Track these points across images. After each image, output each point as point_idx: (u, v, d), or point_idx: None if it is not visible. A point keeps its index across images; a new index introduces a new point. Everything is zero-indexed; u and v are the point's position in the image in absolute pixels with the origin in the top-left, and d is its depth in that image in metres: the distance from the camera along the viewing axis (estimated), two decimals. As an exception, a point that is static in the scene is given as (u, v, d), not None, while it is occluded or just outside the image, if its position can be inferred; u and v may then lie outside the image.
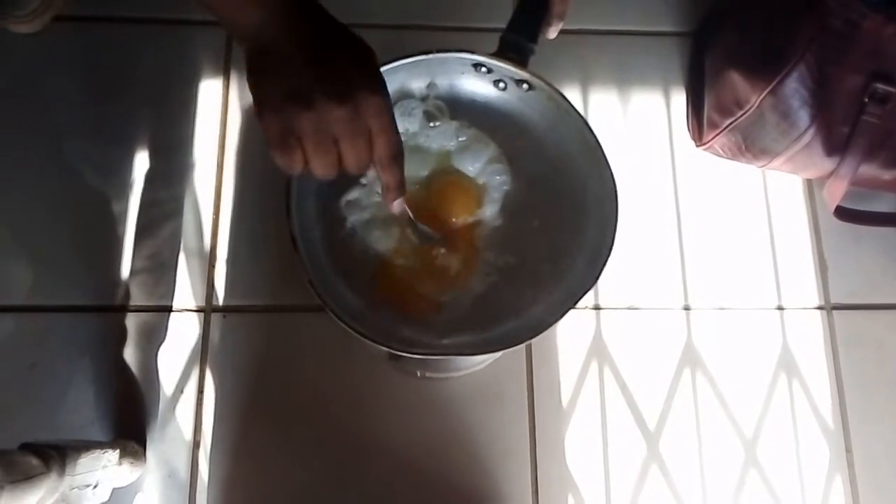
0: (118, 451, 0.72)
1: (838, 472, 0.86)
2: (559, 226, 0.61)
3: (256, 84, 0.44)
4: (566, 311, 0.54)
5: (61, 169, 0.90)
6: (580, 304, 0.55)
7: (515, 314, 0.59)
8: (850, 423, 0.87)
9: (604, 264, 0.56)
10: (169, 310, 0.86)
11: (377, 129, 0.45)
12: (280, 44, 0.44)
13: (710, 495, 0.83)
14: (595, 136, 0.59)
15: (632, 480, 0.83)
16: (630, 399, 0.86)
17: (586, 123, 0.59)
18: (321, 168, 0.46)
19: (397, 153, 0.48)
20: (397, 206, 0.52)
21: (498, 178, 0.62)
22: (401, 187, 0.50)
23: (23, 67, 0.94)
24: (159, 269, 0.87)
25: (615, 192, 0.58)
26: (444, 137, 0.63)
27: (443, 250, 0.60)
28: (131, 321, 0.85)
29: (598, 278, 0.56)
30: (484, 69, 0.62)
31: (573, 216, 0.61)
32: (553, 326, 0.56)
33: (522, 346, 0.75)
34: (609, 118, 0.97)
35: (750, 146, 0.89)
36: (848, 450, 0.86)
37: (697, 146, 0.96)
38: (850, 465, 0.86)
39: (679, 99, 0.99)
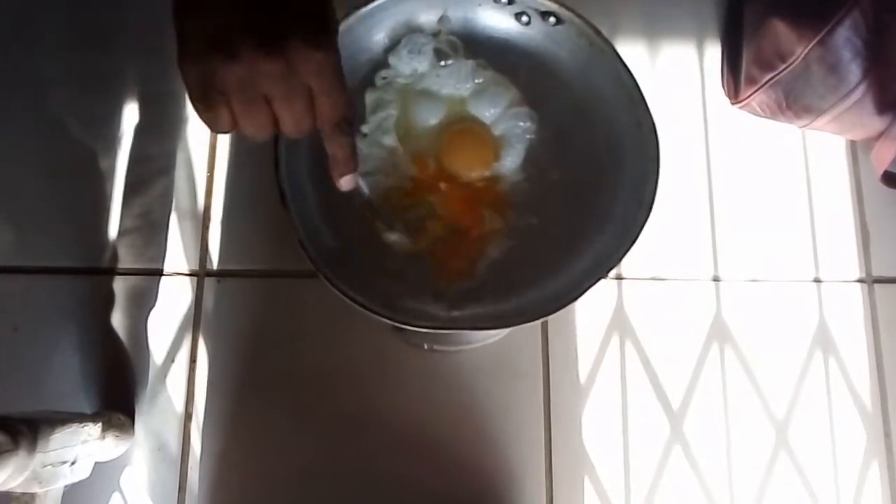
0: (100, 424, 0.67)
1: (875, 457, 0.80)
2: (589, 183, 0.54)
3: (179, 22, 0.37)
4: (594, 283, 0.48)
5: (45, 121, 0.84)
6: (601, 272, 0.49)
7: (536, 284, 0.51)
8: (889, 406, 0.81)
9: (640, 230, 0.49)
10: (160, 273, 0.80)
11: (318, 90, 0.39)
12: None
13: (737, 480, 0.78)
14: (634, 80, 0.52)
15: (653, 463, 0.78)
16: (653, 376, 0.80)
17: (624, 64, 0.52)
18: (251, 129, 0.39)
19: (342, 118, 0.41)
20: (346, 183, 0.45)
21: (520, 125, 0.55)
22: (350, 161, 0.43)
23: (5, 11, 0.87)
24: (149, 229, 0.81)
25: (657, 146, 0.50)
26: (457, 79, 0.55)
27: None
28: (119, 285, 0.80)
29: (632, 245, 0.49)
30: None
31: (605, 172, 0.53)
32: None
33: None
34: (637, 72, 0.89)
35: (792, 104, 0.81)
36: (887, 434, 0.80)
37: (733, 104, 0.88)
38: (889, 450, 0.80)
39: (713, 52, 0.91)
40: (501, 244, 0.53)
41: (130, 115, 0.85)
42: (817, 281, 0.84)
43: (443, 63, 0.56)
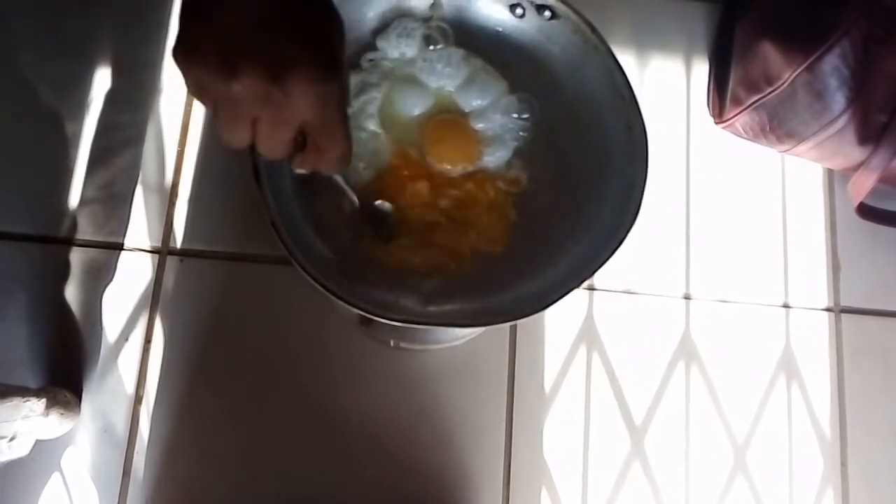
0: (45, 400, 0.64)
1: (831, 485, 0.80)
2: (575, 184, 0.52)
3: (186, 21, 0.36)
4: (577, 286, 0.46)
5: (13, 81, 0.80)
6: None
7: (515, 284, 0.50)
8: (848, 436, 0.81)
9: (625, 235, 0.48)
10: (120, 248, 0.77)
11: (316, 123, 0.38)
12: None
13: (694, 499, 0.77)
14: (627, 80, 0.50)
15: (611, 477, 0.77)
16: (618, 389, 0.79)
17: (618, 64, 0.51)
18: (228, 139, 0.38)
19: (343, 154, 0.41)
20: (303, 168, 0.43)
21: (510, 118, 0.53)
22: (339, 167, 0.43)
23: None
24: (112, 201, 0.78)
25: (646, 148, 0.49)
26: (445, 63, 0.53)
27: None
28: (76, 256, 0.76)
29: (616, 250, 0.48)
30: None
31: (593, 174, 0.52)
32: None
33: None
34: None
35: (775, 127, 0.81)
36: (843, 463, 0.81)
37: (716, 123, 0.88)
38: (845, 478, 0.80)
39: (701, 70, 0.91)
40: (482, 241, 0.51)
41: (102, 81, 0.82)
42: (786, 307, 0.85)
43: (431, 47, 0.54)
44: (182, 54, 0.35)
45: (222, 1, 0.35)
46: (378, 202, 0.51)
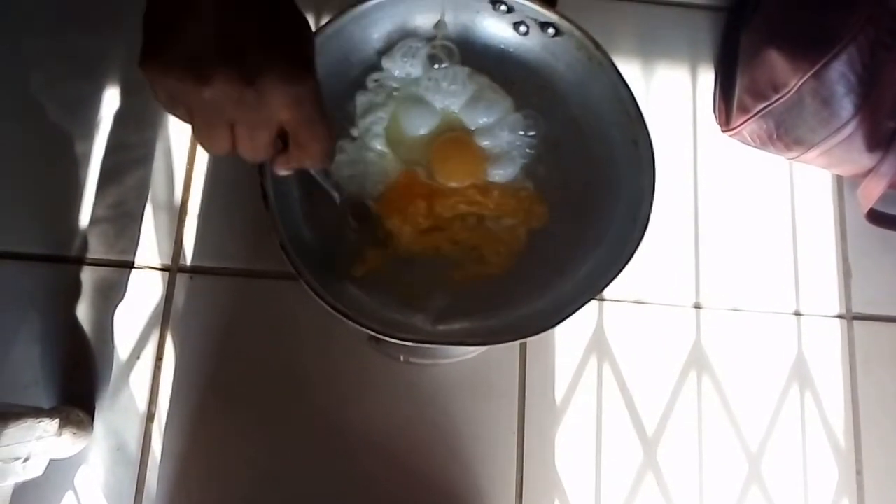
0: (58, 419, 0.64)
1: (846, 495, 0.79)
2: (583, 200, 0.52)
3: (150, 30, 0.35)
4: (587, 301, 0.46)
5: (23, 101, 0.81)
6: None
7: (525, 300, 0.50)
8: (862, 444, 0.81)
9: (634, 249, 0.48)
10: (130, 266, 0.77)
11: (296, 122, 0.37)
12: None
13: (708, 510, 0.77)
14: (633, 96, 0.51)
15: (624, 489, 0.77)
16: (629, 400, 0.79)
17: (623, 79, 0.51)
18: (208, 147, 0.38)
19: (326, 150, 0.41)
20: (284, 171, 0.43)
21: (516, 135, 0.53)
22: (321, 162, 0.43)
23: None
24: (122, 219, 0.78)
25: (653, 164, 0.49)
26: (450, 81, 0.54)
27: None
28: (87, 276, 0.77)
29: (626, 264, 0.48)
30: (503, 7, 0.53)
31: (600, 189, 0.52)
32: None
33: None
34: (630, 93, 0.89)
35: (783, 135, 0.81)
36: (859, 472, 0.80)
37: (723, 131, 0.88)
38: (860, 486, 0.80)
39: (707, 78, 0.91)
40: (491, 258, 0.51)
41: (111, 100, 0.82)
42: (797, 314, 0.84)
43: (436, 66, 0.54)
44: (150, 64, 0.35)
45: (187, 10, 0.34)
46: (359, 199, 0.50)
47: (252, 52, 0.34)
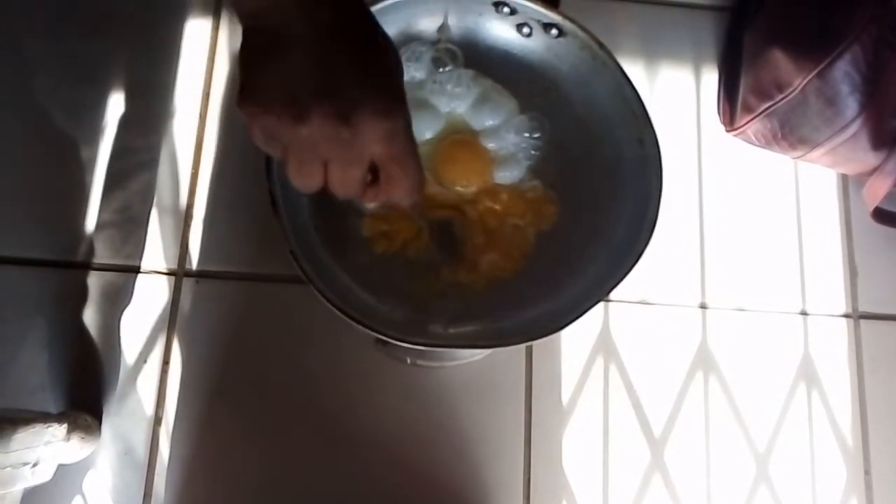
0: (66, 424, 0.64)
1: (854, 494, 0.79)
2: (590, 200, 0.52)
3: (247, 68, 0.36)
4: (596, 303, 0.46)
5: (27, 106, 0.81)
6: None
7: (534, 302, 0.50)
8: (870, 443, 0.80)
9: (643, 249, 0.48)
10: (136, 270, 0.78)
11: (387, 157, 0.37)
12: (286, 32, 0.35)
13: (716, 511, 0.77)
14: (637, 95, 0.50)
15: (632, 490, 0.77)
16: (636, 401, 0.79)
17: (627, 79, 0.51)
18: (300, 184, 0.38)
19: (416, 185, 0.40)
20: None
21: (522, 136, 0.53)
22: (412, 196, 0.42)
23: (-8, -8, 0.85)
24: (128, 224, 0.79)
25: (659, 163, 0.49)
26: (455, 83, 0.53)
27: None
28: (94, 280, 0.77)
29: (635, 264, 0.48)
30: (506, 9, 0.53)
31: (606, 189, 0.52)
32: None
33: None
34: (633, 94, 0.89)
35: (787, 134, 0.81)
36: (867, 471, 0.80)
37: (728, 131, 0.88)
38: (868, 486, 0.79)
39: (711, 78, 0.91)
40: (501, 261, 0.51)
41: (116, 105, 0.82)
42: (804, 314, 0.84)
43: (440, 69, 0.54)
44: (247, 104, 0.35)
45: (281, 46, 0.35)
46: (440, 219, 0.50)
47: (347, 87, 0.35)
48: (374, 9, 0.52)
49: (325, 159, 0.36)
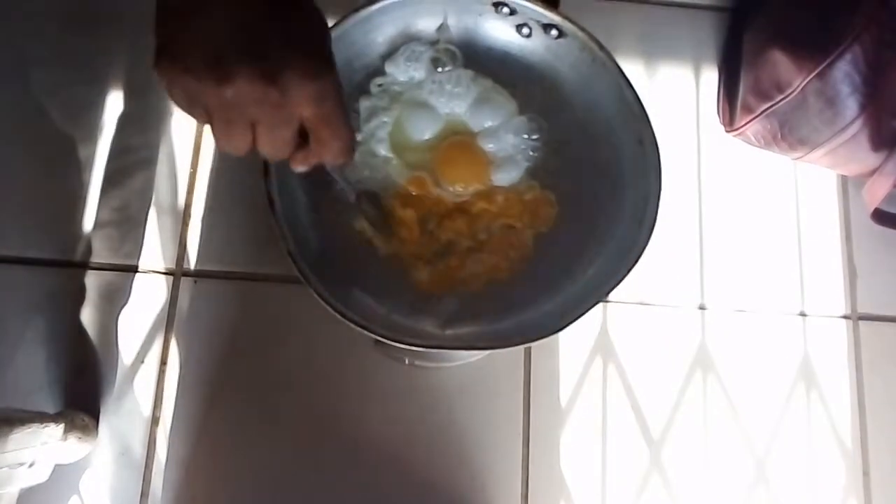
0: (63, 424, 0.64)
1: (853, 495, 0.79)
2: (589, 201, 0.52)
3: (165, 27, 0.34)
4: (595, 303, 0.46)
5: (25, 105, 0.81)
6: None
7: (533, 303, 0.50)
8: (869, 445, 0.80)
9: (642, 250, 0.48)
10: (134, 270, 0.77)
11: (316, 119, 0.37)
12: None
13: (714, 512, 0.77)
14: (637, 95, 0.50)
15: (631, 491, 0.76)
16: (634, 402, 0.79)
17: (627, 80, 0.51)
18: (228, 147, 0.37)
19: (347, 146, 0.40)
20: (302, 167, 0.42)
21: (521, 138, 0.53)
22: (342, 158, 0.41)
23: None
24: (126, 223, 0.78)
25: (659, 164, 0.49)
26: (454, 84, 0.53)
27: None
28: (92, 280, 0.77)
29: (634, 265, 0.48)
30: (506, 10, 0.53)
31: (606, 190, 0.52)
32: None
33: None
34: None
35: (787, 135, 0.81)
36: (865, 473, 0.80)
37: (727, 132, 0.88)
38: (867, 488, 0.79)
39: (710, 79, 0.91)
40: (499, 262, 0.51)
41: (115, 103, 0.82)
42: (803, 315, 0.84)
43: (440, 69, 0.54)
44: (166, 65, 0.34)
45: (203, 5, 0.33)
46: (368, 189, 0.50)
47: (273, 48, 0.34)
48: (373, 9, 0.52)
49: (252, 121, 0.36)
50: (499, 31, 0.55)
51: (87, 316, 0.76)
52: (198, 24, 0.33)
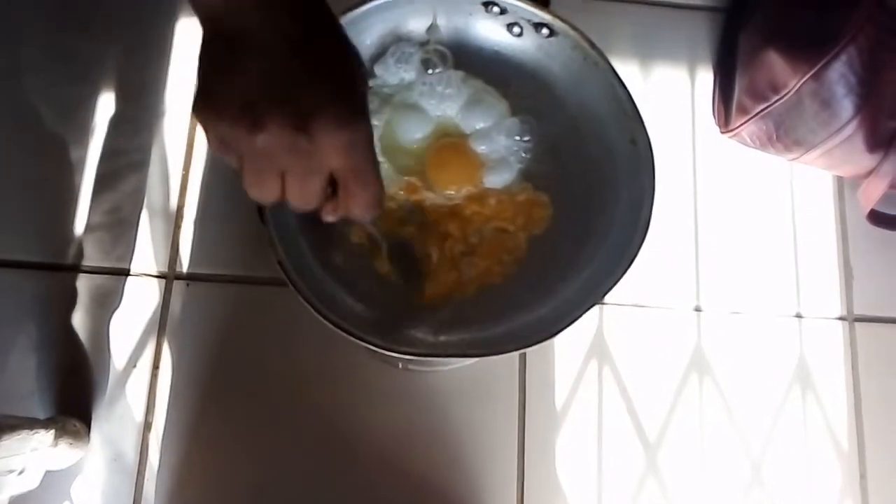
0: (53, 430, 0.64)
1: (850, 497, 0.79)
2: (582, 202, 0.52)
3: (205, 74, 0.35)
4: (590, 308, 0.46)
5: (16, 106, 0.81)
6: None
7: (527, 308, 0.49)
8: (866, 446, 0.80)
9: (636, 252, 0.47)
10: (126, 273, 0.77)
11: (346, 170, 0.36)
12: (245, 38, 0.33)
13: (710, 515, 0.76)
14: (630, 95, 0.50)
15: (626, 495, 0.76)
16: (630, 405, 0.79)
17: (619, 79, 0.50)
18: (257, 195, 0.37)
19: (375, 199, 0.39)
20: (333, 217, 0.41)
21: (513, 139, 0.53)
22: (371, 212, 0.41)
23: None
24: (118, 226, 0.78)
25: (652, 164, 0.49)
26: (445, 85, 0.53)
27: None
28: (83, 283, 0.76)
29: (628, 268, 0.47)
30: (496, 9, 0.52)
31: (599, 191, 0.51)
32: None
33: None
34: (628, 95, 0.88)
35: (782, 136, 0.80)
36: (862, 475, 0.79)
37: (723, 133, 0.88)
38: (864, 490, 0.79)
39: (706, 80, 0.91)
40: (492, 267, 0.51)
41: (106, 105, 0.82)
42: (798, 316, 0.84)
43: (430, 71, 0.54)
44: (203, 109, 0.34)
45: (241, 53, 0.34)
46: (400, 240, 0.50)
47: (305, 96, 0.33)
48: (361, 10, 0.51)
49: (282, 170, 0.35)
50: (489, 31, 0.54)
51: (79, 320, 0.75)
52: (235, 70, 0.34)
